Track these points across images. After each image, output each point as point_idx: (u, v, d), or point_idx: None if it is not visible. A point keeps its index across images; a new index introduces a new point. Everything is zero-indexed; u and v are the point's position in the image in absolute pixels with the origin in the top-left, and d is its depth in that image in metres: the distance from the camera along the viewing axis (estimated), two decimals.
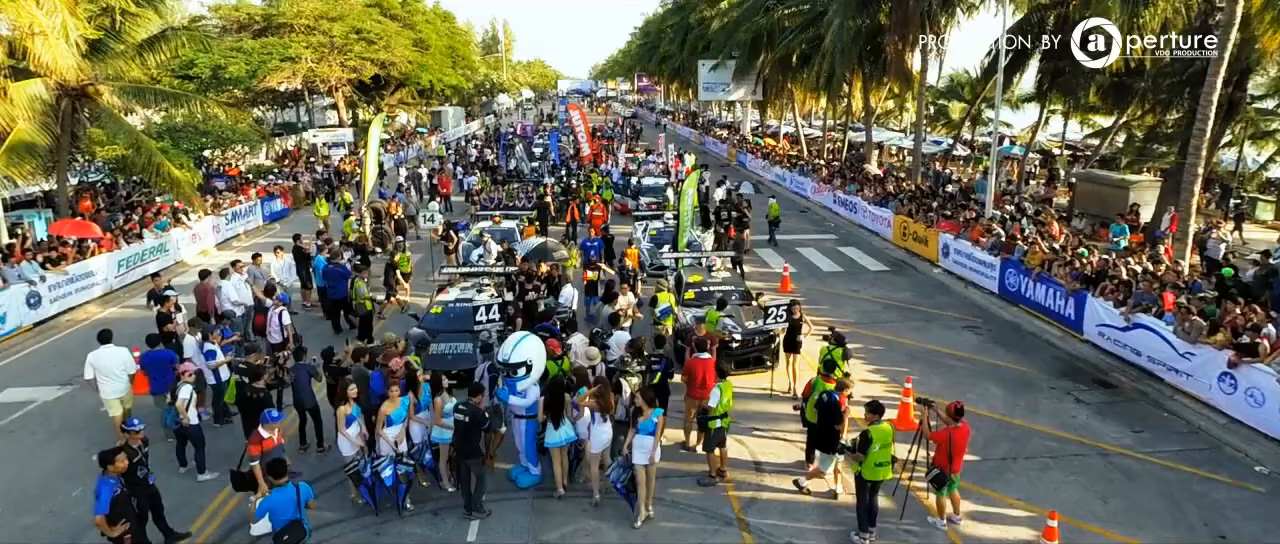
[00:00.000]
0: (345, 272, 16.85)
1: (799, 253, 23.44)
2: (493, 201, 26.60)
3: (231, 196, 25.66)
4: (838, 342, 11.34)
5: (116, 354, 11.21)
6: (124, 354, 11.33)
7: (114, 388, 11.10)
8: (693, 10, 53.23)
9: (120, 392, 11.19)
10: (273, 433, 9.02)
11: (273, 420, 9.10)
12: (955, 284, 19.58)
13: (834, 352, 11.17)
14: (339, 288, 16.59)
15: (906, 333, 16.11)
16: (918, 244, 21.98)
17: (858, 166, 32.29)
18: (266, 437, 8.92)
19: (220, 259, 22.61)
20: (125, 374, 11.20)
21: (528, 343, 9.66)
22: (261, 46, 36.36)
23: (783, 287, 19.16)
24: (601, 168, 35.89)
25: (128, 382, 11.24)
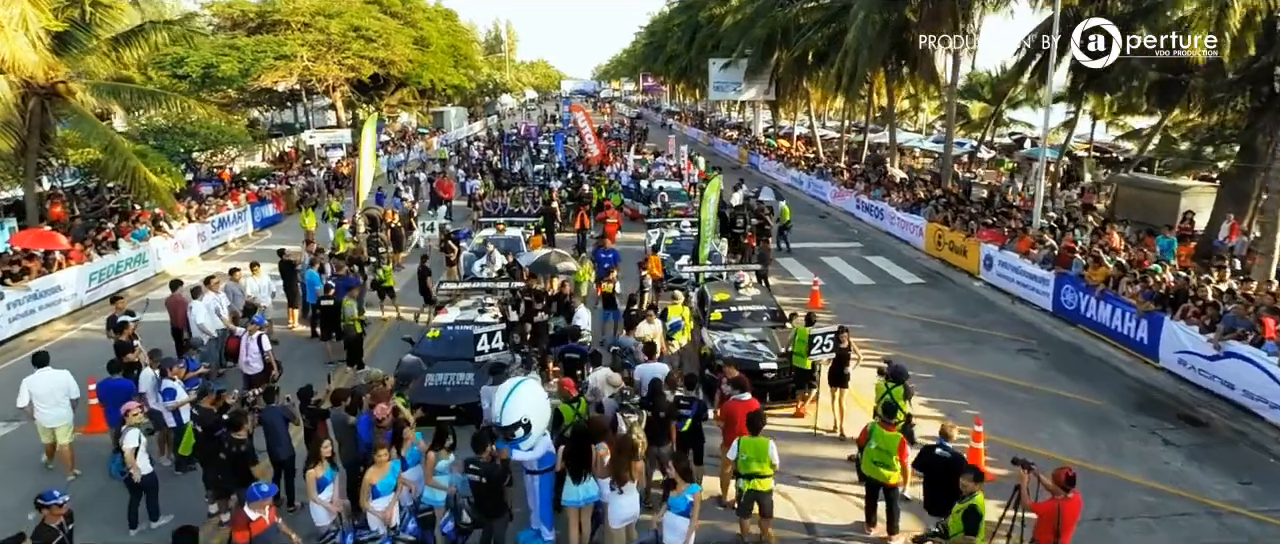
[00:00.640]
0: (354, 282, 15.40)
1: (824, 263, 21.85)
2: (496, 207, 25.04)
3: (218, 202, 24.10)
4: (896, 378, 9.76)
5: (55, 378, 9.89)
6: (64, 378, 9.96)
7: (53, 416, 9.78)
8: (702, 8, 51.62)
9: (60, 421, 9.86)
10: (263, 512, 7.15)
11: (263, 497, 7.16)
12: (1000, 299, 17.98)
13: (894, 391, 9.59)
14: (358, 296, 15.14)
15: (955, 356, 14.52)
16: (955, 254, 20.38)
17: (880, 169, 30.63)
18: (255, 517, 7.08)
19: (205, 269, 21.13)
20: (66, 400, 9.89)
21: (521, 395, 7.98)
22: (255, 44, 34.85)
23: (813, 302, 17.56)
24: (609, 170, 34.33)
25: (69, 410, 9.93)
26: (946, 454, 7.99)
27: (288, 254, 16.13)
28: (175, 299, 14.36)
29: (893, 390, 9.65)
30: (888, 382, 9.76)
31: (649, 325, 11.75)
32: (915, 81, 31.63)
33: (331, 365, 13.79)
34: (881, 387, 9.84)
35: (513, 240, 20.22)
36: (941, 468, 7.84)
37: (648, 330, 11.63)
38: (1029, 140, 45.58)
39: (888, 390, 9.70)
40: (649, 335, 11.39)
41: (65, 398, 9.90)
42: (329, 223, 21.80)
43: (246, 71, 33.71)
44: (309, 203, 24.67)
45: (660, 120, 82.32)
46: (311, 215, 22.38)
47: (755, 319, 13.60)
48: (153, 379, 9.80)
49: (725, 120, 65.52)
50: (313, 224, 22.01)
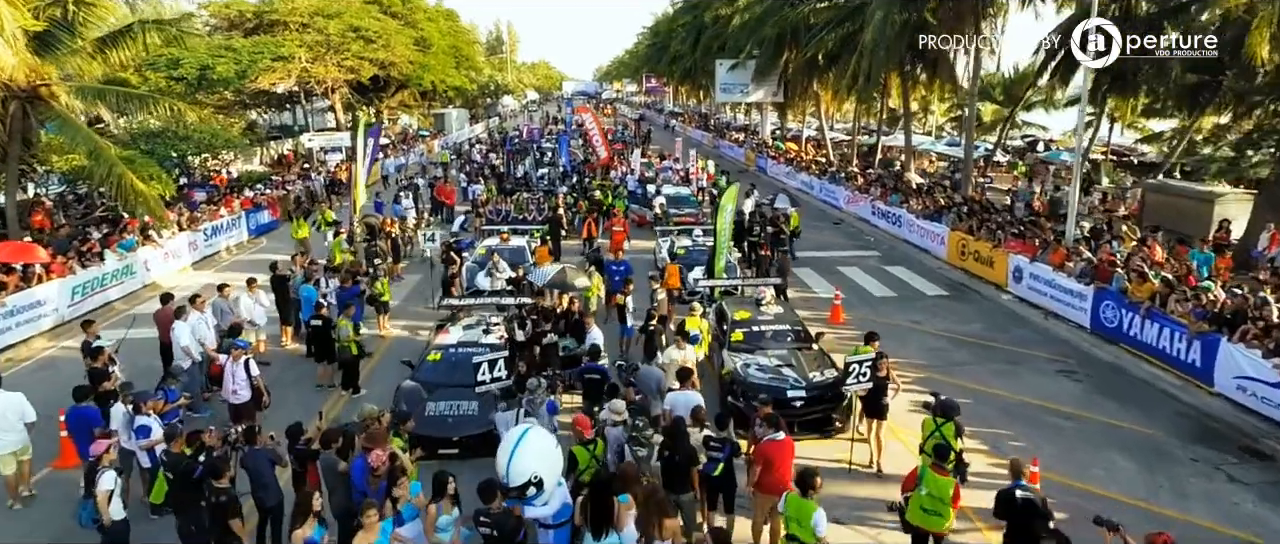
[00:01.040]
0: (356, 292, 14.55)
1: (841, 273, 20.93)
2: (499, 214, 24.14)
3: (211, 209, 23.19)
4: (946, 413, 8.85)
5: (8, 400, 9.15)
6: (18, 400, 9.22)
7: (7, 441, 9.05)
8: (707, 8, 50.73)
9: (15, 445, 9.14)
10: None
11: None
12: (1031, 314, 17.06)
13: (944, 428, 8.69)
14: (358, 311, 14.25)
15: (990, 378, 13.61)
16: (980, 265, 19.47)
17: (896, 174, 29.69)
18: None
19: (197, 280, 20.27)
20: (20, 423, 9.15)
21: (528, 447, 7.04)
22: (252, 45, 33.94)
23: (833, 317, 16.68)
24: (615, 174, 33.41)
25: (23, 434, 9.19)
26: (1029, 496, 7.12)
27: (279, 267, 15.20)
28: (164, 314, 13.46)
29: (943, 428, 8.75)
30: (937, 418, 8.86)
31: (679, 351, 10.80)
32: (931, 83, 30.71)
33: (324, 389, 12.92)
34: (930, 423, 8.93)
35: (517, 250, 19.32)
36: (1025, 512, 6.93)
37: (677, 356, 10.71)
38: (1042, 143, 44.79)
39: (938, 427, 8.79)
40: (681, 361, 10.49)
41: (18, 422, 9.15)
42: (323, 232, 20.83)
43: (243, 73, 32.82)
44: (301, 211, 23.62)
45: (663, 122, 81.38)
46: (304, 225, 21.34)
47: (779, 340, 12.69)
48: (124, 415, 8.91)
49: (731, 122, 64.59)
50: (305, 234, 21.06)
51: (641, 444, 8.38)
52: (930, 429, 8.84)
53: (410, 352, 14.55)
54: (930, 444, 8.52)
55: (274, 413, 11.92)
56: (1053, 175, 33.00)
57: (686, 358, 10.61)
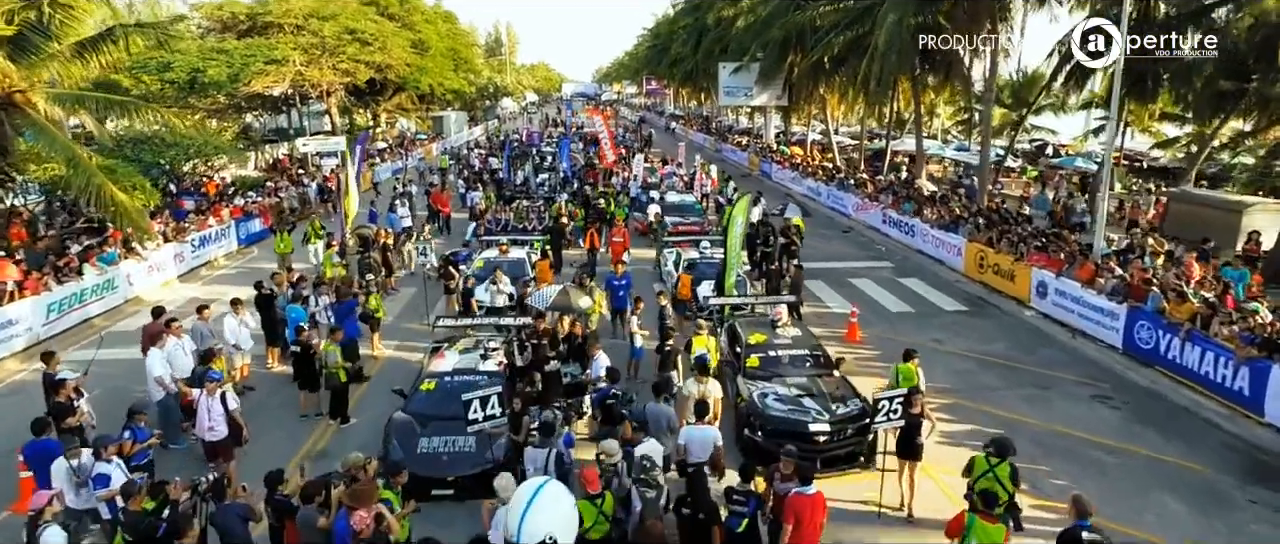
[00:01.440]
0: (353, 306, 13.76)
1: (854, 286, 20.11)
2: (498, 223, 23.28)
3: (199, 219, 22.32)
4: (1001, 453, 8.07)
5: None
6: None
7: None
8: (710, 10, 49.91)
9: None
10: None
11: None
12: (1057, 332, 16.23)
13: (999, 469, 7.90)
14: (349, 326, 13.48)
15: (1019, 404, 12.78)
16: (1000, 278, 18.64)
17: (907, 181, 28.86)
18: None
19: (183, 293, 19.47)
20: None
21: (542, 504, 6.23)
22: (245, 47, 33.12)
23: (850, 335, 15.86)
24: (616, 180, 32.55)
25: None
26: (1097, 538, 6.35)
27: (264, 286, 14.34)
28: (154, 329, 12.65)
29: (997, 469, 7.96)
30: (990, 457, 8.07)
31: (698, 385, 9.96)
32: (943, 87, 29.89)
33: (309, 419, 12.08)
34: (982, 462, 8.14)
35: (517, 263, 18.49)
36: None
37: (696, 390, 9.88)
38: (1051, 147, 43.98)
39: (990, 468, 8.00)
40: (699, 394, 9.67)
41: None
42: (310, 245, 19.90)
43: (236, 76, 31.98)
44: (285, 224, 22.11)
45: (664, 124, 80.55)
46: (287, 239, 20.35)
47: (798, 366, 11.86)
48: (66, 471, 7.98)
49: (733, 125, 63.75)
50: (288, 248, 20.22)
51: (650, 486, 7.57)
52: (982, 469, 8.06)
53: (403, 374, 13.78)
54: (977, 487, 7.72)
55: (256, 444, 11.13)
56: (1066, 181, 32.21)
57: (707, 392, 9.76)
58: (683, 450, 8.99)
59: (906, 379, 10.74)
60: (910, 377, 10.78)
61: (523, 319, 13.29)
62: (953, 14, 23.71)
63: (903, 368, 10.96)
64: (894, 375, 11.11)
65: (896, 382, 10.87)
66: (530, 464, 8.55)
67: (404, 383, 12.37)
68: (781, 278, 16.64)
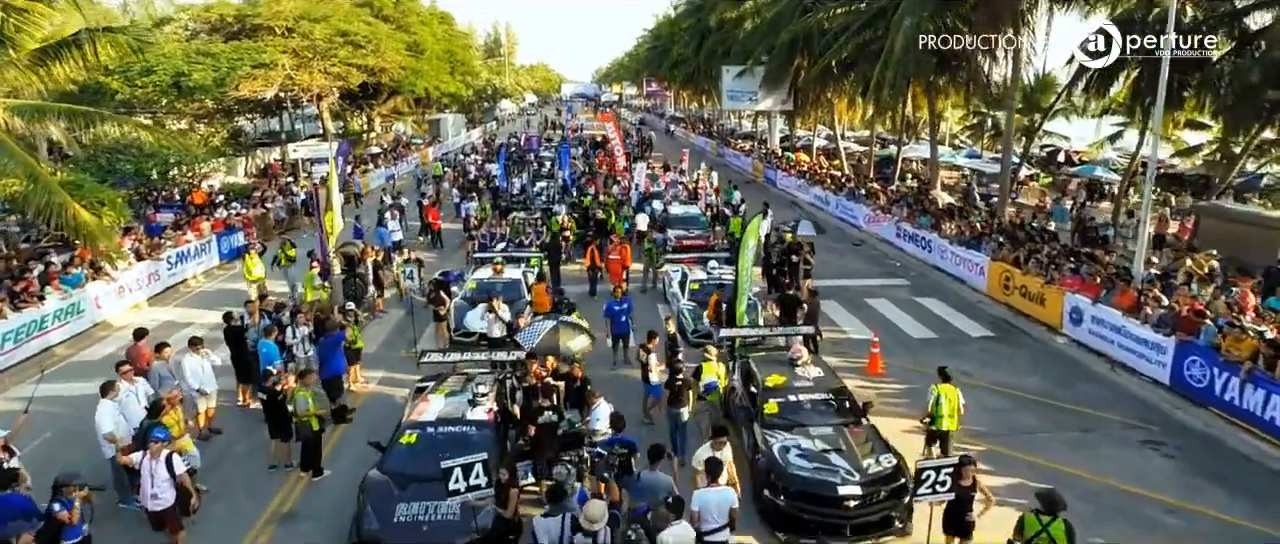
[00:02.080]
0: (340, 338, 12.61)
1: (870, 307, 18.94)
2: (492, 237, 22.07)
3: (176, 234, 21.09)
4: (1051, 508, 7.17)
5: None
6: None
7: None
8: (712, 11, 48.71)
9: None
10: None
11: None
12: (1093, 363, 15.04)
13: (1052, 528, 6.89)
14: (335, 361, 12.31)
15: (1063, 451, 11.60)
16: (1028, 302, 17.45)
17: (921, 191, 27.64)
18: None
19: (156, 316, 18.25)
20: None
21: None
22: (232, 50, 31.86)
23: (871, 366, 14.69)
24: (617, 189, 31.31)
25: None
26: None
27: (234, 317, 13.14)
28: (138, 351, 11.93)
29: (1051, 528, 6.92)
30: (1041, 516, 7.07)
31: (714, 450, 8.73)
32: (957, 91, 28.69)
33: (279, 470, 10.88)
34: (1033, 522, 7.15)
35: (512, 284, 17.32)
36: None
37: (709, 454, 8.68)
38: (1063, 153, 42.80)
39: (1043, 528, 6.96)
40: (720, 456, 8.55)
41: None
42: (283, 269, 18.54)
43: (222, 80, 30.74)
44: (254, 246, 20.21)
45: (664, 126, 79.24)
46: (256, 261, 18.75)
47: (823, 414, 10.65)
48: None
49: (736, 129, 62.50)
50: (258, 273, 18.58)
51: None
52: (1034, 529, 7.07)
53: (386, 412, 12.63)
54: None
55: (214, 503, 9.99)
56: (1083, 190, 31.06)
57: (723, 457, 8.55)
58: (697, 517, 7.84)
59: (948, 401, 10.35)
60: (952, 399, 10.39)
61: (517, 353, 12.15)
62: (972, 16, 22.52)
63: (944, 389, 10.43)
64: (933, 398, 10.46)
65: (937, 405, 10.37)
66: (543, 536, 7.43)
67: (386, 424, 11.26)
68: (798, 305, 15.38)
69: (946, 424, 10.39)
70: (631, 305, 15.61)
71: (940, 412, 10.34)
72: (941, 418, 10.35)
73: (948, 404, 10.36)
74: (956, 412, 10.44)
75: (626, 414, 10.26)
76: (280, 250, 18.99)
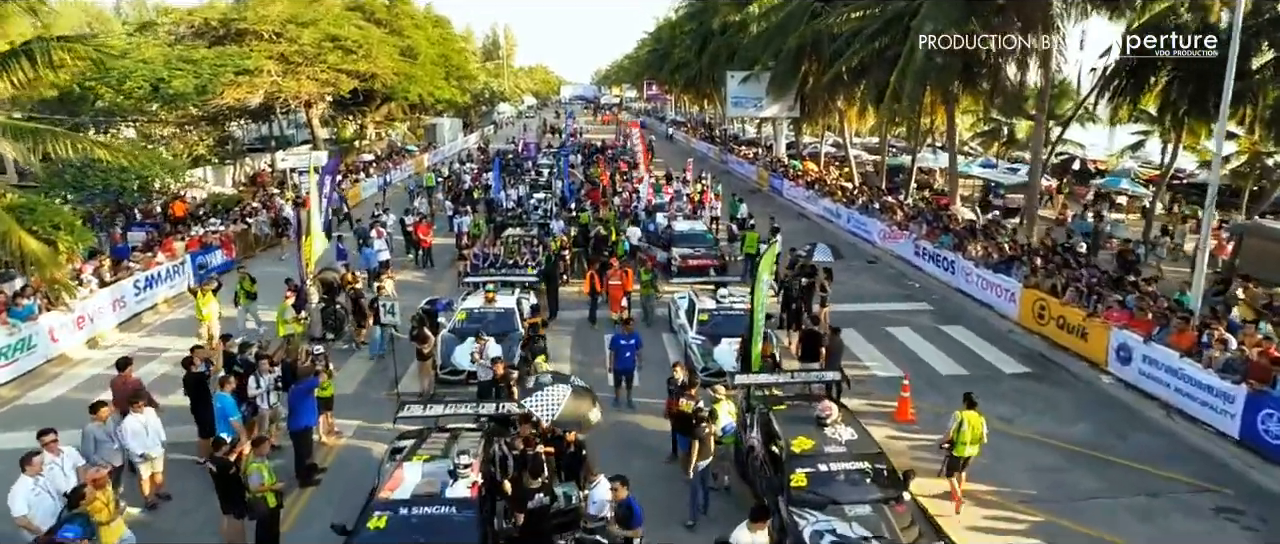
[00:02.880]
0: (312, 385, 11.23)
1: (891, 337, 17.52)
2: (484, 259, 20.65)
3: (146, 257, 19.62)
4: None
5: None
6: None
7: None
8: (715, 15, 47.34)
9: None
10: None
11: None
12: (1146, 408, 13.60)
13: None
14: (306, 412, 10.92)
15: (1129, 522, 10.20)
16: (1067, 335, 16.01)
17: (940, 206, 26.19)
18: None
19: (118, 348, 16.79)
20: None
21: None
22: (215, 56, 30.44)
23: (901, 412, 13.28)
24: (617, 201, 29.93)
25: None
26: None
27: (195, 363, 11.71)
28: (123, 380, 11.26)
29: None
30: None
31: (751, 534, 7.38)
32: (976, 99, 27.30)
33: None
34: None
35: (505, 316, 15.90)
36: None
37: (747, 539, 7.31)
38: (1078, 161, 41.36)
39: None
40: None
41: None
42: (243, 307, 16.83)
43: (203, 88, 29.31)
44: (208, 281, 17.29)
45: (665, 130, 77.73)
46: (209, 298, 16.12)
47: (858, 487, 9.21)
48: None
49: (739, 135, 61.05)
50: (209, 313, 16.08)
51: None
52: None
53: (359, 470, 11.29)
54: None
55: None
56: (1107, 201, 29.65)
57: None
58: None
59: (971, 428, 10.20)
60: (976, 426, 10.24)
61: (508, 406, 10.73)
62: (996, 21, 21.12)
63: (968, 416, 10.27)
64: (956, 424, 10.30)
65: (959, 431, 10.21)
66: None
67: (358, 489, 9.91)
68: (819, 342, 13.95)
69: (969, 450, 10.27)
70: (640, 341, 14.22)
71: (963, 438, 10.20)
72: (964, 444, 10.22)
73: (971, 431, 10.22)
74: (980, 439, 10.32)
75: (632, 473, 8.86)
76: (239, 285, 17.02)
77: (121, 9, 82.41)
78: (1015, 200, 31.38)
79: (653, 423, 12.85)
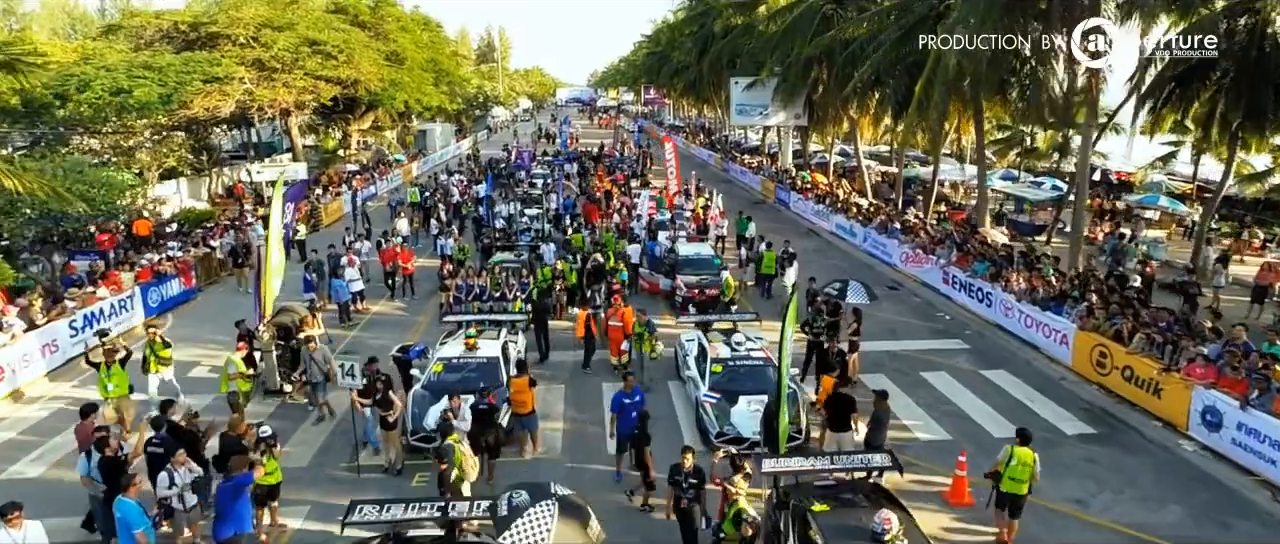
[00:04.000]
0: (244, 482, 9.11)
1: (927, 384, 15.43)
2: (468, 291, 18.49)
3: (84, 293, 17.38)
4: None
5: None
6: None
7: None
8: (717, 18, 45.27)
9: None
10: None
11: None
12: (1242, 485, 11.50)
13: None
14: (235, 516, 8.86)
15: None
16: (1134, 388, 13.91)
17: (969, 227, 24.07)
18: None
19: (52, 395, 14.65)
20: None
21: None
22: (182, 63, 28.23)
23: (955, 492, 11.17)
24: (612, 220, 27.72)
25: None
26: None
27: (110, 444, 9.55)
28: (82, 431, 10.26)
29: None
30: None
31: None
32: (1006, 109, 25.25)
33: None
34: None
35: (488, 368, 13.74)
36: None
37: None
38: (1098, 172, 39.34)
39: None
40: None
41: None
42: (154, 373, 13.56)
43: (169, 97, 27.11)
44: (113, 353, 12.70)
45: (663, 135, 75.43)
46: (119, 374, 12.52)
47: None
48: None
49: (741, 142, 58.90)
50: (122, 390, 12.55)
51: None
52: None
53: None
54: None
55: None
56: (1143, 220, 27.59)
57: None
58: None
59: (1022, 464, 9.54)
60: (1027, 462, 9.56)
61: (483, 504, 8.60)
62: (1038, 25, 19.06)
63: (1020, 452, 9.63)
64: (1006, 456, 9.67)
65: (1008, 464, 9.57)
66: None
67: None
68: (852, 408, 11.80)
69: (1020, 487, 9.60)
70: (644, 398, 12.14)
71: (1011, 472, 9.58)
72: (1010, 481, 9.58)
73: (1021, 467, 9.55)
74: (1032, 478, 9.63)
75: None
76: (149, 350, 13.64)
77: (106, 11, 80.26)
78: (1039, 216, 29.39)
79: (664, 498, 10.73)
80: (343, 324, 18.80)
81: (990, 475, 9.95)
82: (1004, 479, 9.66)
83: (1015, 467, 9.57)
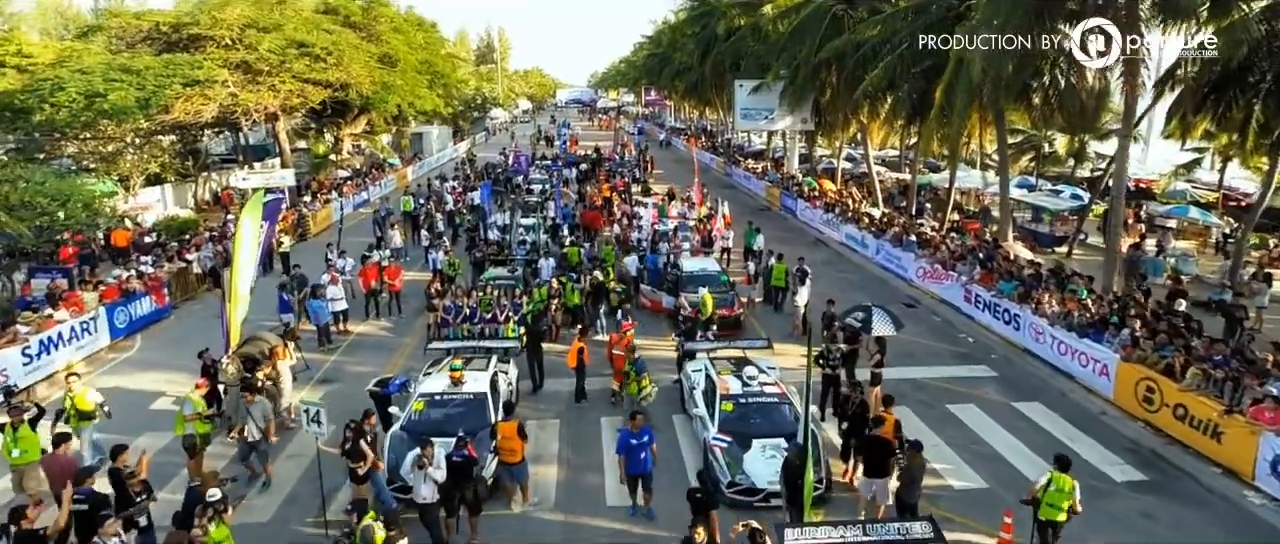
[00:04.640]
0: None
1: (956, 419, 14.12)
2: (456, 313, 17.16)
3: (39, 318, 16.01)
4: None
5: None
6: None
7: None
8: (720, 19, 43.93)
9: None
10: None
11: None
12: None
13: None
14: None
15: None
16: (1189, 429, 12.58)
17: (991, 244, 22.72)
18: None
19: None
20: None
21: None
22: (161, 65, 26.92)
23: None
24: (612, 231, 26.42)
25: None
26: None
27: (24, 521, 8.25)
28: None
29: None
30: None
31: None
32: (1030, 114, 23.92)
33: None
34: None
35: (474, 405, 12.45)
36: None
37: None
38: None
39: None
40: None
41: None
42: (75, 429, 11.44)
43: (147, 101, 25.80)
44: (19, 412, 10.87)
45: (663, 138, 74.05)
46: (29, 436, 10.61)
47: None
48: None
49: (745, 146, 57.54)
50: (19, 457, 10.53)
51: None
52: None
53: None
54: None
55: None
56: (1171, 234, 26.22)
57: None
58: None
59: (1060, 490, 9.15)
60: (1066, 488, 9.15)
61: None
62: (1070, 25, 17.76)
63: (1059, 478, 9.25)
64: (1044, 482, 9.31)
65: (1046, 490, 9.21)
66: None
67: None
68: (888, 454, 10.45)
69: (1058, 514, 9.19)
70: (654, 437, 10.91)
71: (1052, 500, 9.16)
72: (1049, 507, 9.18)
73: (1059, 494, 9.16)
74: (1072, 506, 9.21)
75: None
76: (68, 401, 11.89)
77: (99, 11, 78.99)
78: (1060, 227, 28.06)
79: None
80: (322, 348, 17.46)
81: (1028, 502, 9.54)
82: (1042, 505, 9.30)
83: (1053, 493, 9.21)
